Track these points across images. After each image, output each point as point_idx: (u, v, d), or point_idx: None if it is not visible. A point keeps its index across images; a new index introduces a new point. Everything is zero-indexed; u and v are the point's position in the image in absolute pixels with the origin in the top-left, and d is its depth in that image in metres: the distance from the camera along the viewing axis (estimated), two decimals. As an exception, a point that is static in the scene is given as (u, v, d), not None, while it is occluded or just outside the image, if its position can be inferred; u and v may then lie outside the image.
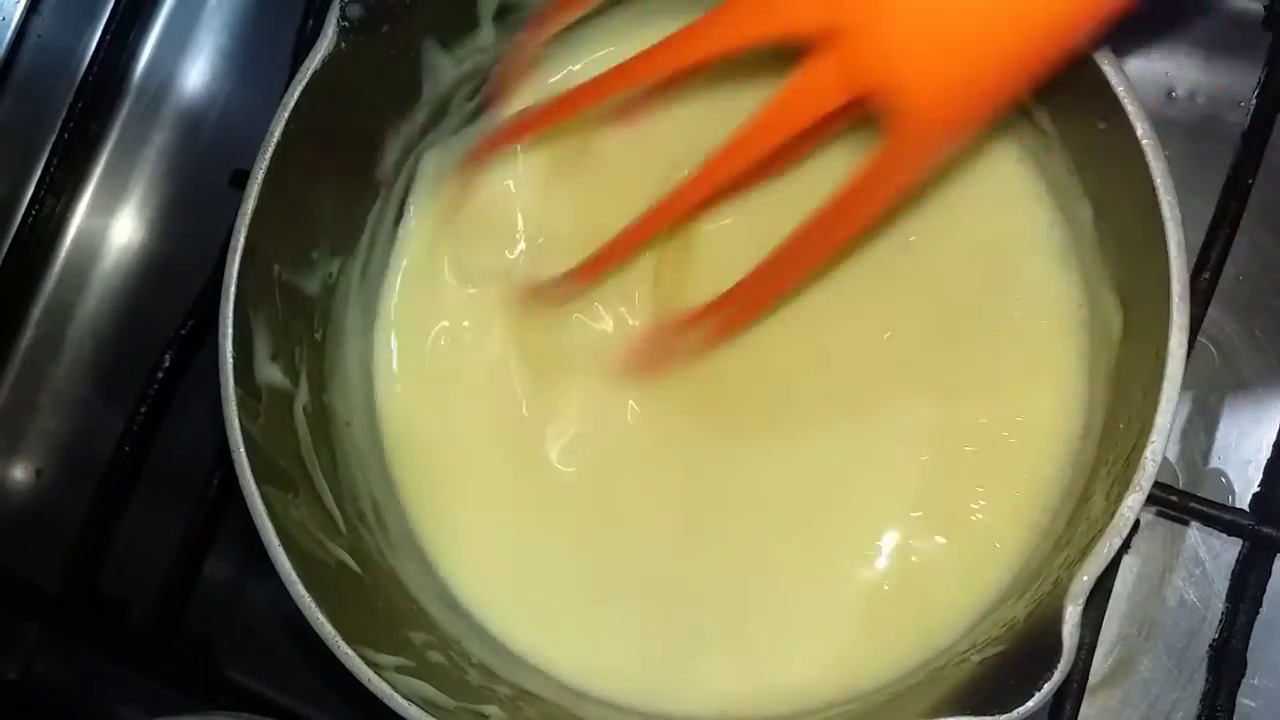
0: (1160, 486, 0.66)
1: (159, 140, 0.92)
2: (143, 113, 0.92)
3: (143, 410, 0.81)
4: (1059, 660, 0.52)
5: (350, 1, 0.62)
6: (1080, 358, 0.65)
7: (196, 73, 0.92)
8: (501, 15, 0.69)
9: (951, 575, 0.65)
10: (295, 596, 0.58)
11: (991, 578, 0.64)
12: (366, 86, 0.66)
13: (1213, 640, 0.69)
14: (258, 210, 0.63)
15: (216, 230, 0.72)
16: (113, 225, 0.91)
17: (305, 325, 0.68)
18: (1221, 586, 0.70)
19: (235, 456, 0.60)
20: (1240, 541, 0.69)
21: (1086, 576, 0.53)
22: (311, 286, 0.68)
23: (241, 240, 0.62)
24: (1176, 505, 0.67)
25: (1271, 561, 0.68)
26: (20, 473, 0.89)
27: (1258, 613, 0.67)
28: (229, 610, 0.82)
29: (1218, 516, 0.67)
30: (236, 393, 0.61)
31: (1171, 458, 0.71)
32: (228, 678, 0.81)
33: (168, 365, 0.81)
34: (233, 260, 0.62)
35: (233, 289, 0.62)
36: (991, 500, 0.66)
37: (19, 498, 0.89)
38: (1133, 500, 0.54)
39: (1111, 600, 0.67)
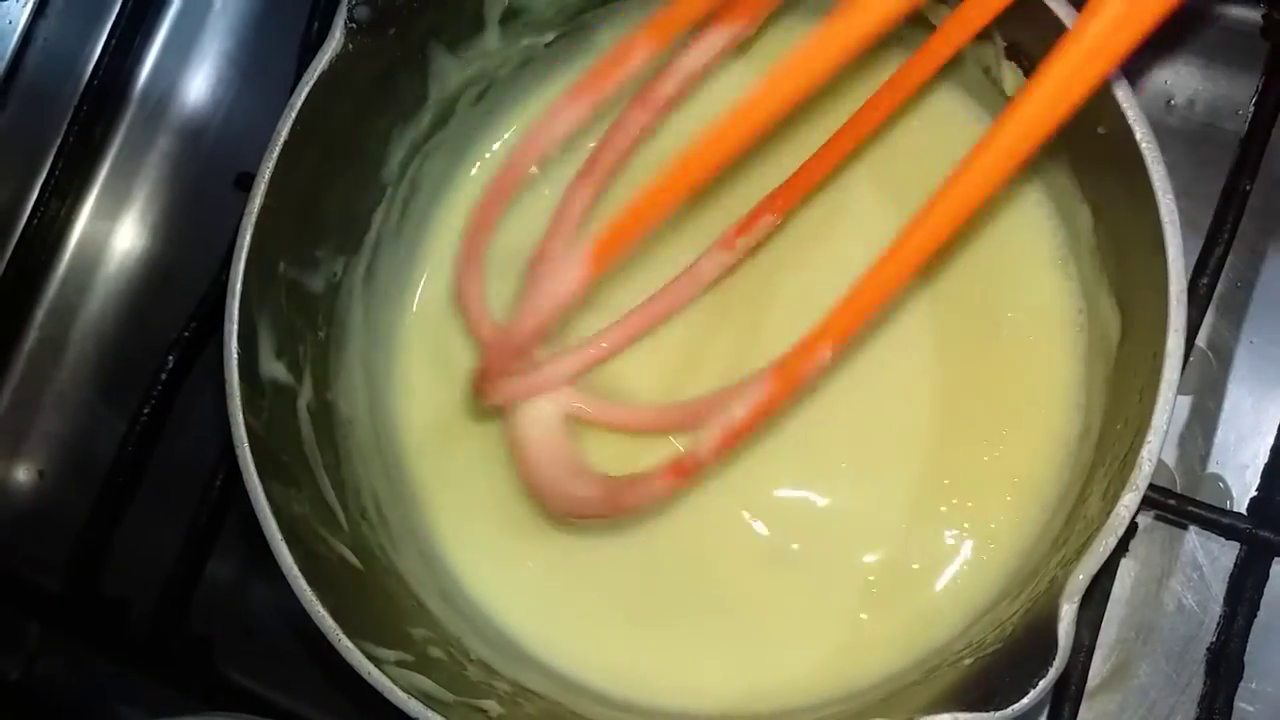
0: (1158, 490, 0.66)
1: (163, 145, 0.92)
2: (147, 117, 0.93)
3: (145, 412, 0.81)
4: (1054, 658, 0.52)
5: (358, 3, 0.63)
6: (1078, 360, 0.66)
7: (201, 78, 0.92)
8: (507, 19, 0.70)
9: (947, 574, 0.66)
10: (297, 591, 0.59)
11: (988, 577, 0.65)
12: (373, 88, 0.66)
13: (1210, 644, 0.69)
14: (264, 208, 0.63)
15: (219, 234, 0.73)
16: (117, 229, 0.91)
17: (309, 323, 0.68)
18: (1219, 590, 0.70)
19: (239, 451, 0.61)
20: (1238, 545, 0.69)
21: (1082, 575, 0.53)
22: (316, 285, 0.68)
23: (248, 238, 0.63)
24: (1174, 509, 0.68)
25: (1269, 565, 0.68)
26: (23, 474, 0.90)
27: (1255, 617, 0.68)
28: (230, 611, 0.83)
29: (1215, 520, 0.68)
30: (241, 389, 0.62)
31: (1169, 462, 0.71)
32: (228, 678, 0.81)
33: (170, 367, 0.81)
34: (239, 257, 0.63)
35: (239, 286, 0.62)
36: (989, 500, 0.66)
37: (21, 499, 0.89)
38: (1129, 499, 0.54)
39: (1110, 604, 0.68)
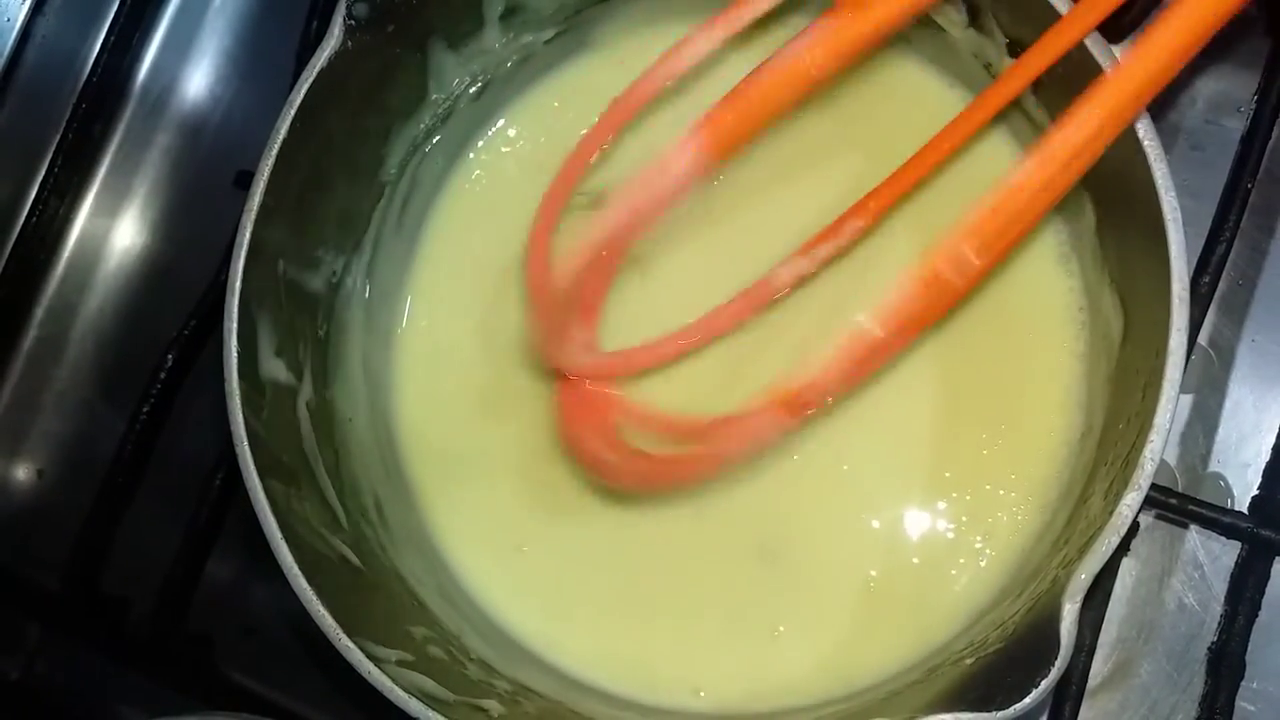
0: (1159, 490, 0.66)
1: (162, 142, 0.92)
2: (146, 115, 0.92)
3: (145, 411, 0.81)
4: (1056, 657, 0.52)
5: (357, 0, 0.63)
6: (1080, 359, 0.66)
7: (200, 75, 0.92)
8: (507, 16, 0.69)
9: (949, 573, 0.66)
10: (297, 590, 0.59)
11: (989, 575, 0.65)
12: (372, 85, 0.66)
13: (1211, 643, 0.69)
14: (263, 206, 0.63)
15: (219, 232, 0.73)
16: (116, 227, 0.91)
17: (309, 322, 0.68)
18: (1220, 590, 0.70)
19: (239, 450, 0.61)
20: (1239, 545, 0.69)
21: (1085, 574, 0.53)
22: (316, 284, 0.68)
23: (247, 237, 0.63)
24: (1176, 508, 0.68)
25: (1270, 564, 0.68)
26: (22, 473, 0.89)
27: (1256, 616, 0.68)
28: (230, 611, 0.82)
29: (1217, 520, 0.67)
30: (241, 387, 0.62)
31: (1171, 461, 0.71)
32: (228, 678, 0.81)
33: (170, 366, 0.81)
34: (238, 256, 0.63)
35: (238, 284, 0.62)
36: (989, 496, 0.66)
37: (21, 498, 0.89)
38: (1131, 499, 0.54)
39: (1111, 603, 0.68)
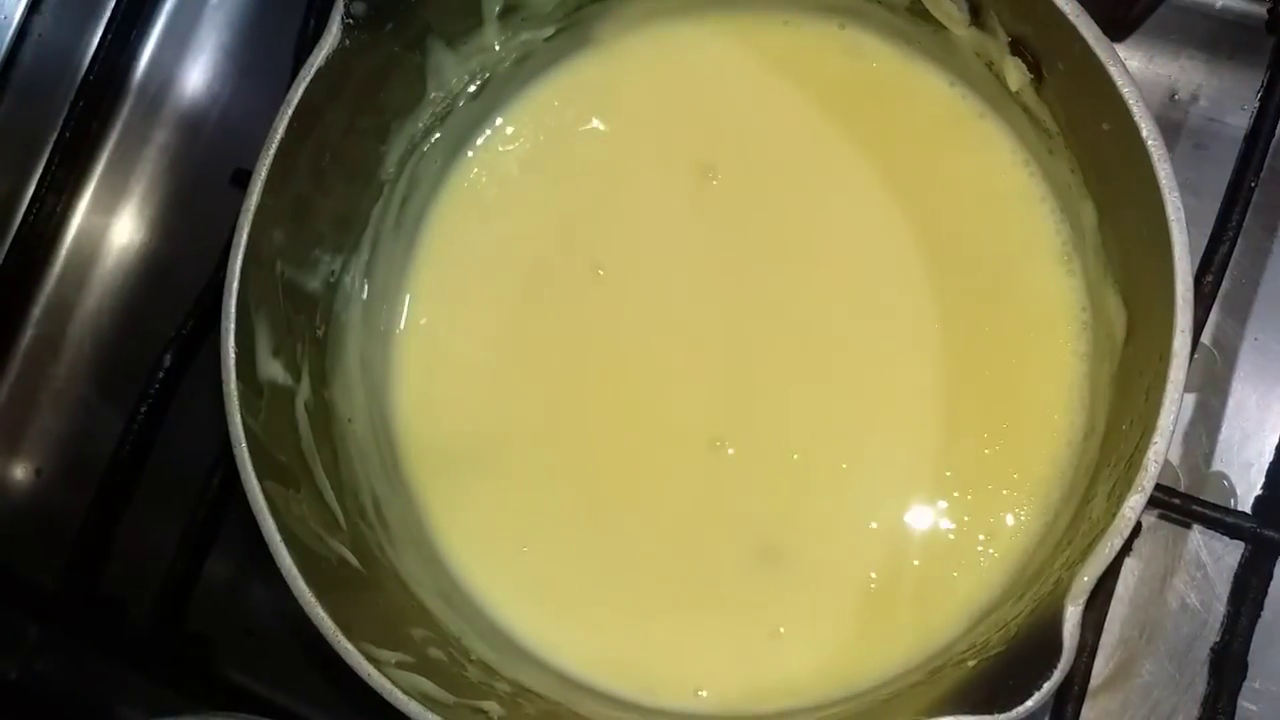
0: (1162, 489, 0.66)
1: (160, 139, 0.91)
2: (144, 112, 0.92)
3: (143, 410, 0.81)
4: (1059, 660, 0.51)
5: (355, -2, 0.62)
6: (1083, 359, 0.66)
7: (198, 72, 0.92)
8: (505, 14, 0.69)
9: (952, 575, 0.65)
10: (296, 592, 0.58)
11: (992, 578, 0.65)
12: (371, 84, 0.66)
13: (1214, 644, 0.69)
14: (261, 207, 0.63)
15: (217, 230, 0.72)
16: (113, 224, 0.91)
17: (307, 322, 0.68)
18: (1223, 590, 0.69)
19: (236, 451, 0.60)
20: (1242, 545, 0.69)
21: (1087, 577, 0.53)
22: (313, 284, 0.68)
23: (244, 236, 0.62)
24: (1178, 508, 0.67)
25: (1273, 565, 0.68)
26: (20, 472, 0.89)
27: (1259, 616, 0.67)
28: (229, 611, 0.82)
29: (1219, 519, 0.67)
30: (238, 388, 0.61)
31: (1174, 460, 0.71)
32: (227, 678, 0.81)
33: (168, 365, 0.81)
34: (235, 256, 0.62)
35: (235, 285, 0.62)
36: (993, 499, 0.66)
37: (19, 497, 0.89)
38: (1135, 501, 0.54)
39: (1113, 603, 0.67)
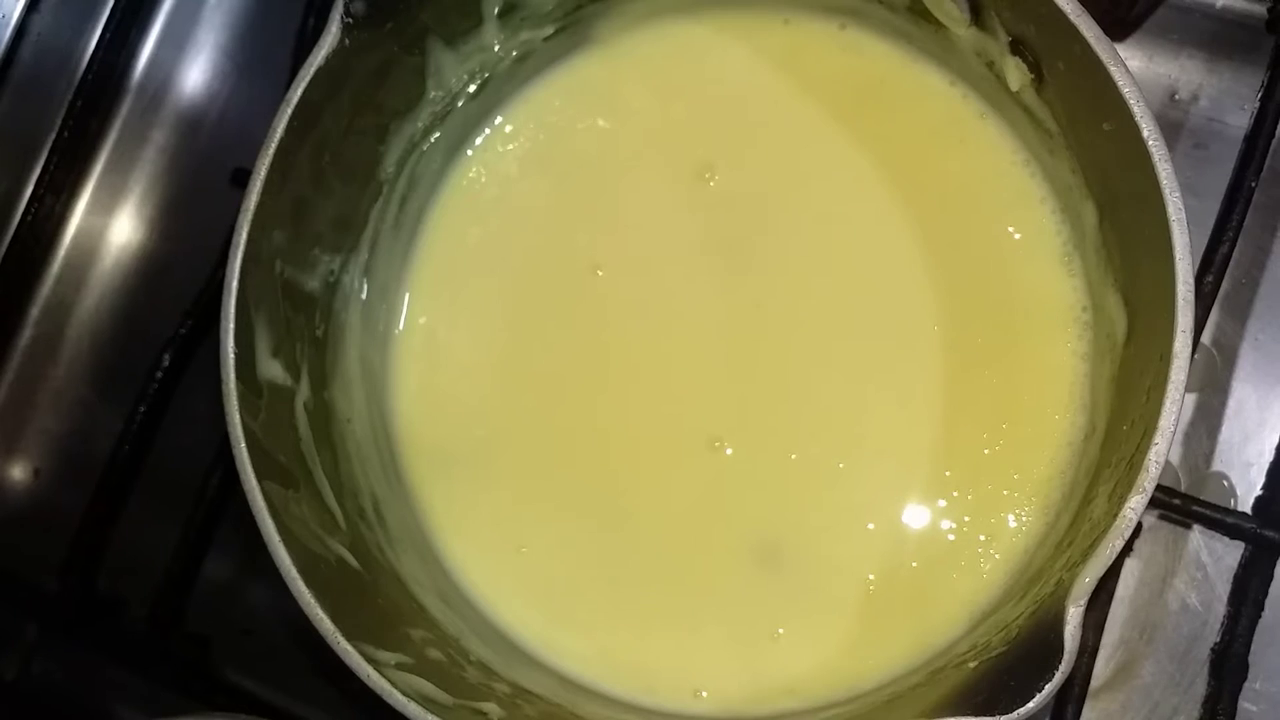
0: (1162, 490, 0.66)
1: (159, 139, 0.91)
2: (143, 111, 0.92)
3: (141, 410, 0.81)
4: (1060, 661, 0.51)
5: (354, -3, 0.62)
6: (1084, 359, 0.65)
7: (197, 71, 0.92)
8: (505, 13, 0.69)
9: (952, 576, 0.65)
10: (295, 593, 0.58)
11: (992, 579, 0.65)
12: (370, 83, 0.66)
13: (1214, 644, 0.69)
14: (260, 206, 0.63)
15: (216, 230, 0.73)
16: (112, 224, 0.91)
17: (306, 322, 0.68)
18: (1223, 590, 0.69)
19: (236, 452, 0.60)
20: (1242, 545, 0.69)
21: (1089, 578, 0.53)
22: (313, 283, 0.68)
23: (244, 236, 0.62)
24: (1179, 508, 0.67)
25: (1273, 565, 0.67)
26: (18, 472, 0.89)
27: (1260, 616, 0.67)
28: (228, 611, 0.82)
29: (1220, 520, 0.67)
30: (237, 388, 0.61)
31: (1174, 461, 0.71)
32: (226, 678, 0.81)
33: (167, 365, 0.81)
34: (235, 256, 0.62)
35: (235, 285, 0.62)
36: (993, 500, 0.65)
37: (17, 497, 0.89)
38: (1135, 502, 0.54)
39: (1113, 604, 0.67)
